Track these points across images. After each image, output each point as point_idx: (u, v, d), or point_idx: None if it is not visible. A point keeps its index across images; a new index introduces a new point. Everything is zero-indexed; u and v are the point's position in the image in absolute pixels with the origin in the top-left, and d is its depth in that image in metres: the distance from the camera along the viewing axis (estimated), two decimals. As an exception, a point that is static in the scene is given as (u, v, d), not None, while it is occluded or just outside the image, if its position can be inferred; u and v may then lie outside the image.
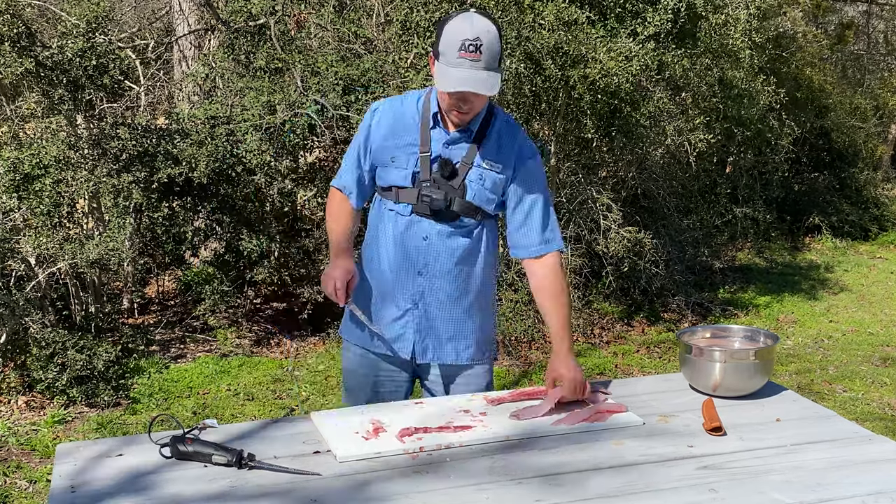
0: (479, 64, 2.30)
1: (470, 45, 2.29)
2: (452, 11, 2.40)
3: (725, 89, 7.22)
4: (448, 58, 2.32)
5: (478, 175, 2.48)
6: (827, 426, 2.30)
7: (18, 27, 5.10)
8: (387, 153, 2.53)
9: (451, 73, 2.31)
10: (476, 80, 2.30)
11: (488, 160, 2.48)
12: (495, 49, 2.32)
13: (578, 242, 6.51)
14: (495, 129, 2.51)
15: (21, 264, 5.10)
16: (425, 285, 2.55)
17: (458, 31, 2.30)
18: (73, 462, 2.08)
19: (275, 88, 5.64)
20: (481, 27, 2.31)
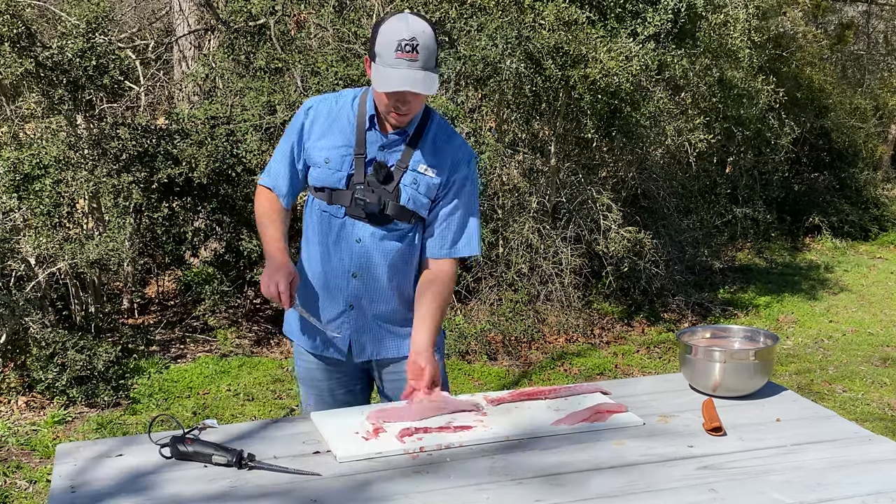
0: (416, 64, 2.29)
1: (406, 46, 2.28)
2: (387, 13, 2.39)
3: (725, 89, 7.22)
4: (385, 59, 2.30)
5: (412, 179, 2.46)
6: (827, 426, 2.30)
7: (18, 27, 5.11)
8: (320, 154, 2.48)
9: (389, 74, 2.30)
10: (414, 80, 2.29)
11: (423, 164, 2.46)
12: (432, 49, 2.32)
13: (578, 242, 6.51)
14: (431, 133, 2.49)
15: (21, 264, 5.10)
16: (360, 287, 2.53)
17: (394, 32, 2.29)
18: (73, 462, 2.08)
19: (275, 88, 5.64)
20: (417, 27, 2.30)
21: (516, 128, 6.78)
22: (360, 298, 2.54)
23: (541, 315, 6.30)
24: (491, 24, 5.78)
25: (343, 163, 2.46)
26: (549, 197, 6.56)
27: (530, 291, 6.26)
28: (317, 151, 2.49)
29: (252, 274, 5.99)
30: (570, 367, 5.79)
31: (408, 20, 2.32)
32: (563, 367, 5.80)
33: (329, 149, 2.47)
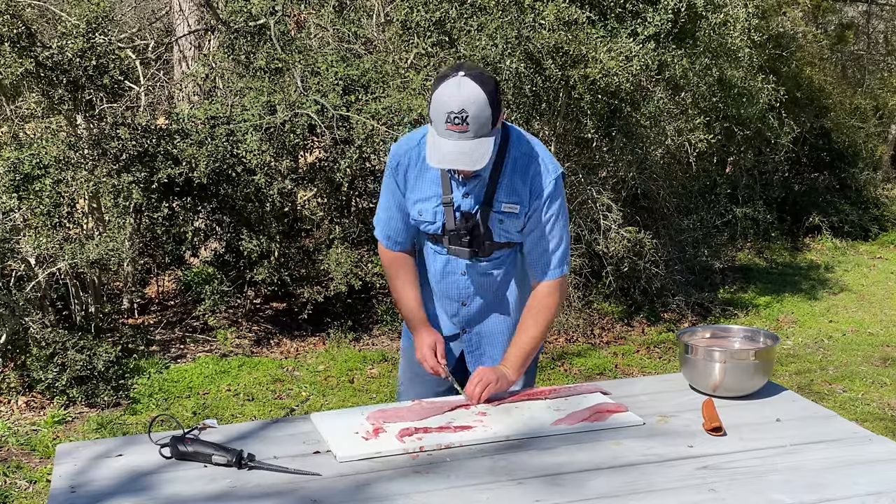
0: (466, 135, 2.26)
1: (456, 118, 2.24)
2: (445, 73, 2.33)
3: (725, 89, 7.22)
4: (437, 127, 2.29)
5: (498, 219, 2.49)
6: (827, 426, 2.30)
7: (18, 27, 5.11)
8: (414, 207, 2.56)
9: (439, 146, 2.28)
10: (462, 155, 2.27)
11: (505, 203, 2.47)
12: (484, 116, 2.27)
13: (578, 242, 6.51)
14: (509, 166, 2.47)
15: (21, 264, 5.10)
16: (470, 313, 2.66)
17: (445, 103, 2.25)
18: (73, 462, 2.08)
19: (275, 88, 5.64)
20: (467, 96, 2.24)
21: (516, 128, 6.77)
22: (473, 324, 2.67)
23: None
24: (491, 24, 5.78)
25: (435, 214, 2.52)
26: (549, 197, 6.55)
27: (530, 291, 6.25)
28: (411, 205, 2.55)
29: (252, 274, 6.00)
30: (570, 367, 5.79)
31: (459, 86, 2.25)
32: (563, 367, 5.80)
33: (420, 202, 2.53)
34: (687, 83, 6.62)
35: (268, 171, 5.85)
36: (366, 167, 6.01)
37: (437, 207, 2.50)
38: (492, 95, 2.28)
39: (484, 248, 2.52)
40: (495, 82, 2.33)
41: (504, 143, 2.47)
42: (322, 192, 6.37)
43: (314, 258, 6.16)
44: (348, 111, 5.55)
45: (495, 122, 2.31)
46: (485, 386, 2.41)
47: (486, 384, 2.41)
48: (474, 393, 2.40)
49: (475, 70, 2.30)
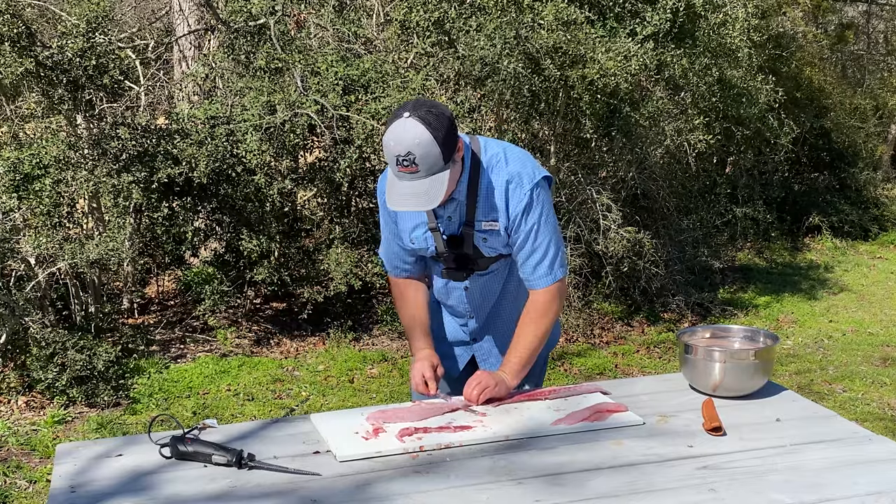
0: (418, 175, 2.26)
1: (404, 161, 2.25)
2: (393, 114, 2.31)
3: (725, 89, 7.22)
4: (392, 168, 2.30)
5: (482, 238, 2.51)
6: (827, 426, 2.30)
7: (18, 27, 5.10)
8: (405, 235, 2.59)
9: (394, 188, 2.31)
10: (415, 196, 2.28)
11: (483, 220, 2.49)
12: (433, 155, 2.25)
13: (578, 242, 6.51)
14: (484, 182, 2.47)
15: (21, 264, 5.10)
16: (478, 325, 2.72)
17: (392, 147, 2.25)
18: (73, 462, 2.08)
19: (275, 88, 5.64)
20: (411, 140, 2.23)
21: (515, 127, 6.78)
22: (482, 333, 2.72)
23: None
24: (490, 24, 5.78)
25: (425, 240, 2.56)
26: (548, 197, 6.55)
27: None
28: (403, 234, 2.60)
29: (252, 274, 6.00)
30: (570, 367, 5.79)
31: (404, 129, 2.24)
32: (563, 367, 5.80)
33: (409, 231, 2.57)
34: (686, 83, 6.62)
35: (268, 171, 5.85)
36: (366, 167, 6.01)
37: (427, 234, 2.55)
38: (439, 132, 2.25)
39: (478, 264, 2.57)
40: (445, 118, 2.29)
41: (476, 163, 2.47)
42: (322, 192, 6.37)
43: (314, 258, 6.16)
44: (348, 111, 5.55)
45: (448, 157, 2.29)
46: (482, 388, 2.41)
47: (484, 387, 2.42)
48: (472, 395, 2.41)
49: (423, 109, 2.28)
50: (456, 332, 2.77)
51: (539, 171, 2.50)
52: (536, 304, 2.55)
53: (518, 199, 2.46)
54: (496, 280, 2.64)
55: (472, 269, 2.58)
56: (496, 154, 2.49)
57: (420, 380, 2.55)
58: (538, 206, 2.48)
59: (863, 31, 12.76)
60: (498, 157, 2.48)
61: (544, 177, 2.50)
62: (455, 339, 2.78)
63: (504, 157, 2.49)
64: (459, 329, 2.76)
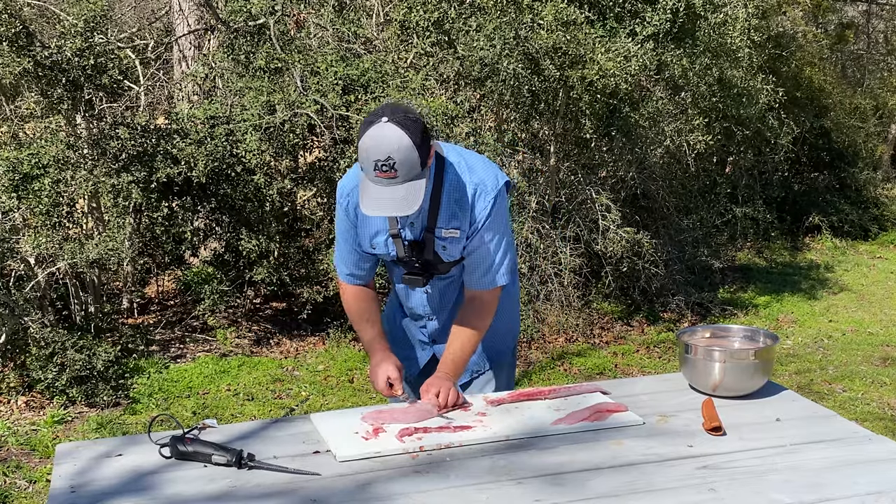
0: (396, 181, 2.24)
1: (383, 166, 2.22)
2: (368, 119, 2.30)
3: (725, 89, 7.22)
4: (367, 174, 2.26)
5: (441, 245, 2.51)
6: (827, 426, 2.30)
7: (17, 27, 5.10)
8: (365, 241, 2.58)
9: (370, 193, 2.26)
10: (393, 201, 2.25)
11: (444, 228, 2.48)
12: (412, 160, 2.23)
13: (578, 242, 6.51)
14: (446, 189, 2.47)
15: (21, 264, 5.10)
16: (437, 327, 2.72)
17: (370, 151, 2.22)
18: (73, 462, 2.07)
19: (274, 88, 5.64)
20: (391, 145, 2.21)
21: (515, 127, 6.78)
22: (441, 333, 2.70)
23: (540, 315, 6.30)
24: (489, 25, 5.78)
25: (386, 246, 2.55)
26: (548, 197, 6.56)
27: (530, 291, 6.26)
28: (363, 239, 2.58)
29: (251, 274, 6.00)
30: (569, 367, 5.79)
31: (383, 133, 2.21)
32: (562, 366, 5.80)
33: (370, 237, 2.56)
34: (686, 83, 6.62)
35: (267, 170, 5.84)
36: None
37: (388, 240, 2.54)
38: (417, 138, 2.24)
39: (438, 269, 2.57)
40: (421, 123, 2.29)
41: (440, 171, 2.46)
42: (322, 191, 6.37)
43: (314, 258, 6.16)
44: (348, 111, 5.55)
45: (424, 163, 2.28)
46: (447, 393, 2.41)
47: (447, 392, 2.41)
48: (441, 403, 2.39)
49: (400, 113, 2.27)
50: (415, 333, 2.78)
51: (501, 177, 2.51)
52: (477, 307, 2.56)
53: (482, 206, 2.46)
54: (456, 283, 2.64)
55: (432, 275, 2.58)
56: (458, 162, 2.49)
57: (384, 383, 2.56)
58: (499, 213, 2.50)
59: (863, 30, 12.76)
60: (460, 165, 2.48)
61: (506, 182, 2.52)
62: (414, 340, 2.78)
63: (466, 164, 2.49)
64: (419, 330, 2.76)
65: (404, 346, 2.79)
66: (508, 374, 2.83)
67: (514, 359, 2.90)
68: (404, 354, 2.77)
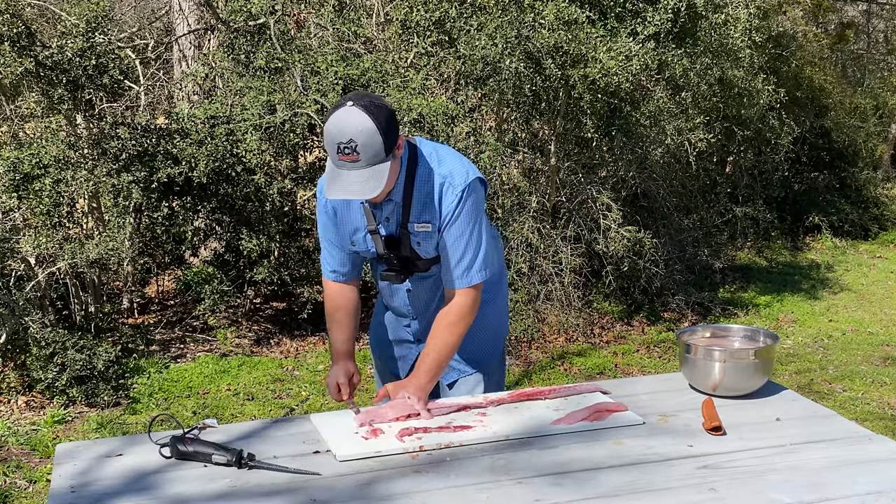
0: (359, 164, 2.24)
1: (346, 148, 2.22)
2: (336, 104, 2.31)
3: (725, 89, 7.22)
4: (331, 158, 2.27)
5: (416, 241, 2.49)
6: (827, 426, 2.29)
7: (18, 27, 5.10)
8: (346, 238, 2.58)
9: (335, 177, 2.27)
10: (357, 185, 2.25)
11: (416, 223, 2.47)
12: (375, 144, 2.23)
13: (578, 242, 6.51)
14: (418, 183, 2.45)
15: (21, 264, 5.10)
16: (422, 325, 2.69)
17: (334, 134, 2.23)
18: (73, 462, 2.08)
19: (275, 88, 5.64)
20: (354, 127, 2.21)
21: (516, 127, 6.78)
22: (424, 332, 2.65)
23: (541, 314, 6.30)
24: (491, 24, 5.78)
25: (365, 243, 2.55)
26: (548, 196, 6.57)
27: (530, 291, 6.26)
28: (344, 236, 2.58)
29: (252, 274, 5.99)
30: (570, 367, 5.79)
31: (348, 116, 2.22)
32: (563, 366, 5.80)
33: (349, 234, 2.56)
34: (687, 83, 6.62)
35: (267, 170, 5.84)
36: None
37: (366, 236, 2.54)
38: (382, 123, 2.24)
39: (417, 266, 2.56)
40: (387, 109, 2.29)
41: (412, 164, 2.44)
42: (322, 191, 6.36)
43: (314, 258, 6.16)
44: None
45: (390, 149, 2.27)
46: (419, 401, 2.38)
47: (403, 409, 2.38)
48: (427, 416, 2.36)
49: (365, 99, 2.27)
50: (400, 332, 2.77)
51: (472, 172, 2.47)
52: (454, 307, 2.52)
53: (450, 200, 2.43)
54: (438, 282, 2.59)
55: (411, 272, 2.56)
56: (429, 154, 2.46)
57: (335, 387, 2.60)
58: (468, 207, 2.45)
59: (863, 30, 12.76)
60: (430, 156, 2.46)
61: (477, 178, 2.47)
62: (399, 339, 2.77)
63: (437, 156, 2.47)
64: (403, 329, 2.75)
65: (388, 347, 2.79)
66: (498, 381, 2.78)
67: (502, 365, 2.85)
68: (391, 354, 2.77)
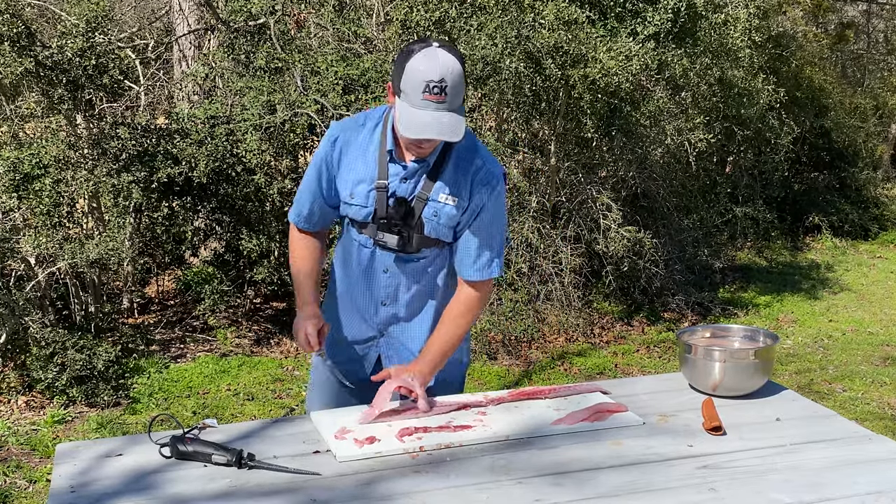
0: (443, 106, 2.18)
1: (435, 88, 2.16)
2: (414, 43, 2.26)
3: (725, 89, 7.23)
4: (411, 98, 2.19)
5: (433, 211, 2.39)
6: (827, 426, 2.29)
7: (18, 27, 5.10)
8: (345, 188, 2.42)
9: (415, 117, 2.19)
10: (441, 126, 2.19)
11: (444, 193, 2.38)
12: (460, 89, 2.20)
13: (578, 242, 6.51)
14: (453, 158, 2.39)
15: (21, 264, 5.10)
16: (389, 314, 2.54)
17: (423, 72, 2.17)
18: (73, 462, 2.07)
19: (275, 88, 5.64)
20: (446, 67, 2.18)
21: (516, 127, 6.79)
22: (390, 325, 2.54)
23: (541, 314, 6.30)
24: (491, 24, 5.78)
25: (367, 198, 2.40)
26: (548, 196, 6.57)
27: (530, 291, 6.26)
28: (343, 185, 2.43)
29: (252, 273, 5.99)
30: (570, 367, 5.79)
31: (437, 57, 2.18)
32: (563, 366, 5.80)
33: (353, 183, 2.41)
34: (687, 83, 6.62)
35: (267, 170, 5.84)
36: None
37: (370, 191, 2.40)
38: (464, 69, 2.24)
39: (412, 242, 2.40)
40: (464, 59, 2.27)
41: None
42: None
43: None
44: (348, 111, 5.55)
45: (464, 100, 2.27)
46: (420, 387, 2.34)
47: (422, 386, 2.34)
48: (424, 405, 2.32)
49: (447, 44, 2.25)
50: (361, 328, 2.57)
51: (501, 167, 2.46)
52: (466, 298, 2.46)
53: (487, 184, 2.39)
54: (419, 274, 2.48)
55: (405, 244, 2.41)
56: (468, 135, 2.40)
57: (304, 338, 2.47)
58: (502, 197, 2.44)
59: (863, 30, 12.76)
60: (469, 139, 2.41)
61: (504, 171, 2.46)
62: (359, 339, 2.59)
63: (475, 142, 2.44)
64: (365, 324, 2.56)
65: (346, 349, 2.60)
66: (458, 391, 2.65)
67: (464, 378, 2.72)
68: (345, 357, 2.61)
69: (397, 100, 2.25)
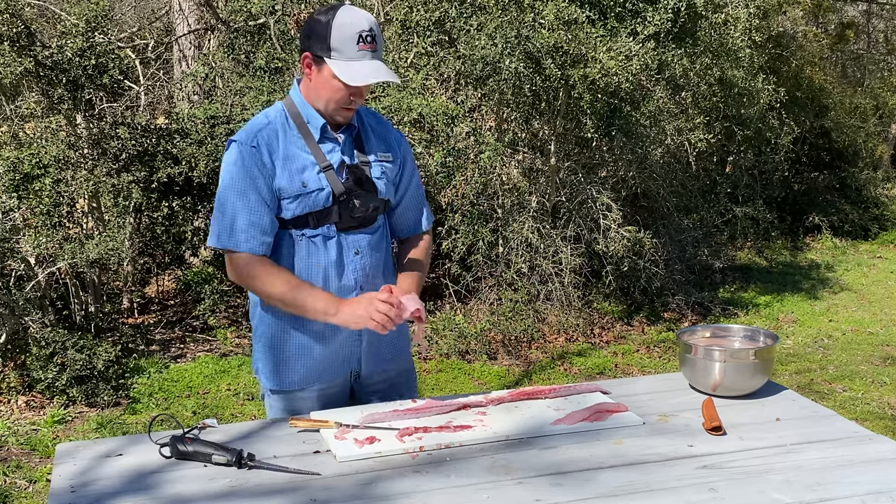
0: (377, 53, 2.30)
1: (367, 36, 2.26)
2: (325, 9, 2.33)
3: (725, 88, 7.22)
4: (346, 52, 2.26)
5: (379, 171, 2.44)
6: (827, 426, 2.29)
7: (18, 27, 5.11)
8: (294, 183, 2.32)
9: (357, 68, 2.26)
10: (383, 70, 2.29)
11: (378, 153, 2.46)
12: (382, 39, 2.35)
13: (578, 242, 6.51)
14: (365, 121, 2.50)
15: (21, 264, 5.10)
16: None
17: (353, 24, 2.26)
18: (73, 462, 2.07)
19: (275, 88, 5.64)
20: (369, 18, 2.30)
21: (516, 127, 6.78)
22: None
23: (541, 314, 6.30)
24: (490, 24, 5.78)
25: (319, 181, 2.34)
26: (548, 196, 6.57)
27: (530, 291, 6.26)
28: (288, 180, 2.32)
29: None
30: (570, 367, 5.79)
31: (357, 11, 2.30)
32: (563, 366, 5.80)
33: (297, 171, 2.33)
34: (687, 83, 6.62)
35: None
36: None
37: (319, 174, 2.34)
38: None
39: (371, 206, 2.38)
40: None
41: None
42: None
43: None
44: (348, 111, 5.55)
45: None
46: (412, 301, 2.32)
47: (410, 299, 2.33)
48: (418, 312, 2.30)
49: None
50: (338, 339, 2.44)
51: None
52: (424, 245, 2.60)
53: (400, 139, 2.53)
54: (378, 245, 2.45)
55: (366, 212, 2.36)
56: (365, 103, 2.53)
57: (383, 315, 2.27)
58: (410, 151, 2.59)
59: (863, 30, 12.76)
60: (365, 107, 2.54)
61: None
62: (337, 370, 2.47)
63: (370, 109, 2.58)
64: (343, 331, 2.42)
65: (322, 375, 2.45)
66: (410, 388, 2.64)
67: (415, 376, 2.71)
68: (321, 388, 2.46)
69: (328, 62, 2.28)
